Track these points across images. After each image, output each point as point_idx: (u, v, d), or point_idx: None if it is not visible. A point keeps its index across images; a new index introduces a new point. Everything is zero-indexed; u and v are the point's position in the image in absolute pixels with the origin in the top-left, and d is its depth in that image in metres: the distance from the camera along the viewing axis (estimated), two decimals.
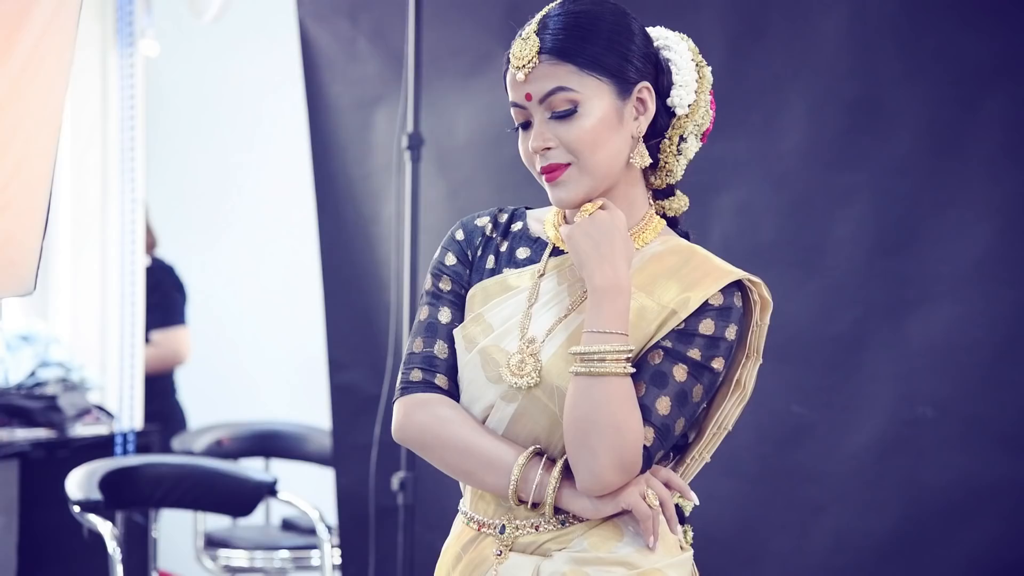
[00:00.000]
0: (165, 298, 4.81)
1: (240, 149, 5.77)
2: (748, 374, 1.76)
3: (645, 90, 1.75)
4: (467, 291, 1.81)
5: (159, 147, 5.41)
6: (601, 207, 1.72)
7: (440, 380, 1.77)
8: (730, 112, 3.17)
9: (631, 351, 1.67)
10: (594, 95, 1.71)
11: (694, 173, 3.22)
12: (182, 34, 5.32)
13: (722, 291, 1.71)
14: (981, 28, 3.00)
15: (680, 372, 1.69)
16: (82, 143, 4.66)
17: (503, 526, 1.74)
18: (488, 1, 3.45)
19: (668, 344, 1.70)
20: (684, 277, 1.73)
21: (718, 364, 1.71)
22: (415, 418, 1.76)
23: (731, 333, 1.72)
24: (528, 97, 1.73)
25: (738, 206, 3.15)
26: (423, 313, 1.81)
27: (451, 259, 1.83)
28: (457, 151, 3.52)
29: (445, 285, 1.82)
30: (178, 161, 5.72)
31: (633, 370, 1.67)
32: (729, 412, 1.77)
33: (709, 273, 1.73)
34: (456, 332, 1.79)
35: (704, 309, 1.71)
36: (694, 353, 1.70)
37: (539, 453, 1.71)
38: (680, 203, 1.83)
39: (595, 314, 1.67)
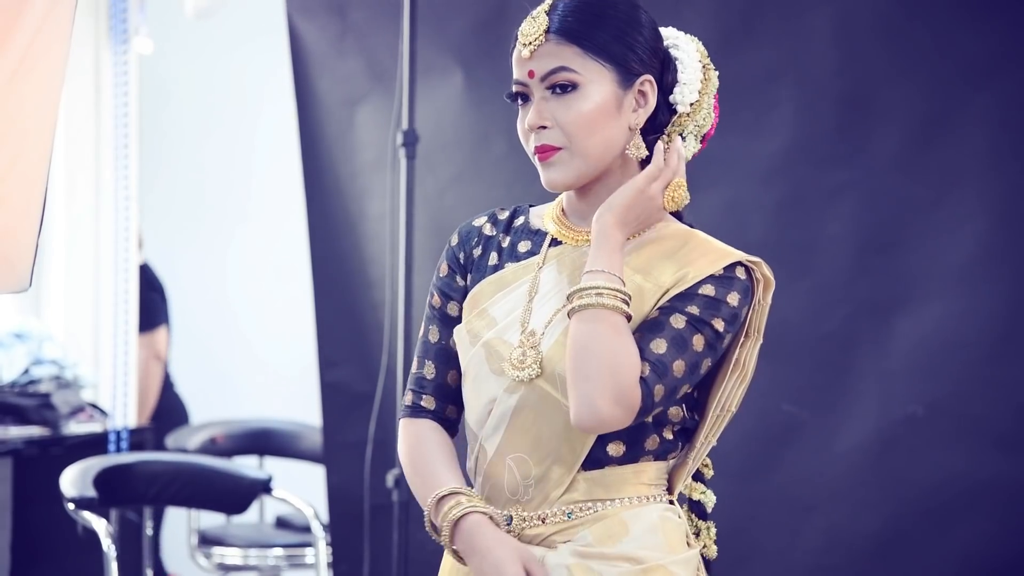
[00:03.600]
0: (140, 301, 4.80)
1: (234, 146, 5.77)
2: (748, 354, 1.76)
3: (647, 83, 1.76)
4: (455, 301, 1.83)
5: (153, 144, 5.41)
6: (672, 203, 1.75)
7: (426, 401, 1.83)
8: (720, 108, 3.18)
9: (628, 295, 1.68)
10: (595, 79, 1.73)
11: None
12: (176, 31, 5.32)
13: (723, 268, 1.73)
14: (971, 25, 3.01)
15: (677, 320, 1.70)
16: (76, 140, 4.67)
17: (510, 517, 1.75)
18: None
19: (665, 303, 1.72)
20: (681, 258, 1.74)
21: (719, 324, 1.71)
22: (401, 441, 1.83)
23: (733, 299, 1.72)
24: (531, 74, 1.74)
25: (727, 204, 3.15)
26: (422, 330, 1.87)
27: (444, 269, 1.86)
28: (445, 148, 3.52)
29: (436, 302, 1.86)
30: (172, 158, 5.73)
31: (630, 311, 1.68)
32: (731, 393, 1.77)
33: (707, 254, 1.74)
34: (459, 329, 1.80)
35: (704, 280, 1.72)
36: (692, 309, 1.70)
37: (454, 494, 1.73)
38: (683, 189, 1.84)
39: (598, 257, 1.70)
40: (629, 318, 1.67)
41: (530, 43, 1.74)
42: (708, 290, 1.71)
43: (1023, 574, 2.99)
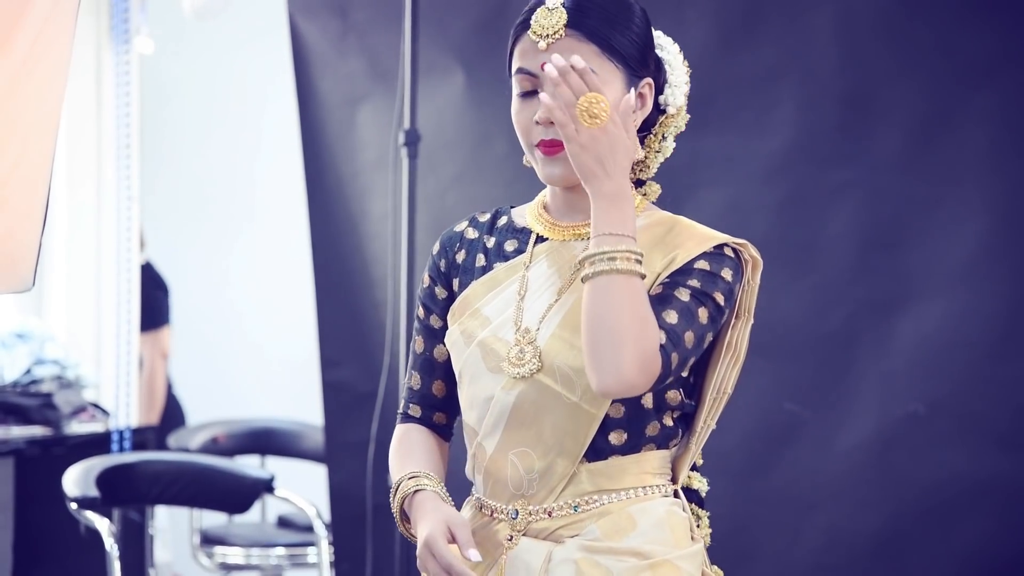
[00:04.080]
0: (146, 299, 4.81)
1: (235, 146, 5.78)
2: (740, 335, 1.78)
3: (647, 86, 1.77)
4: (435, 313, 1.86)
5: (154, 144, 5.42)
6: (599, 119, 1.66)
7: (413, 410, 1.89)
8: (721, 108, 3.18)
9: (640, 253, 1.66)
10: (608, 80, 1.72)
11: (684, 169, 3.24)
12: (177, 31, 5.33)
13: (712, 247, 1.74)
14: (973, 24, 3.01)
15: (682, 293, 1.71)
16: (77, 140, 4.67)
17: (516, 511, 1.77)
18: None
19: (666, 279, 1.73)
20: (669, 243, 1.75)
21: (719, 297, 1.72)
22: (391, 445, 1.90)
23: (727, 275, 1.73)
24: (544, 67, 1.73)
25: (728, 202, 3.16)
26: (412, 341, 1.92)
27: (426, 280, 1.89)
28: (446, 148, 3.53)
29: (420, 313, 1.89)
30: (173, 158, 5.73)
31: (644, 271, 1.67)
32: (725, 375, 1.79)
33: (693, 237, 1.76)
34: (451, 332, 1.82)
35: (697, 257, 1.73)
36: (693, 282, 1.72)
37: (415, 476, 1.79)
38: (654, 189, 1.84)
39: (601, 219, 1.67)
40: (643, 277, 1.67)
41: (547, 36, 1.72)
42: (703, 265, 1.73)
43: None
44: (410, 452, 1.85)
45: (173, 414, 5.00)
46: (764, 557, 3.15)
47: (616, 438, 1.74)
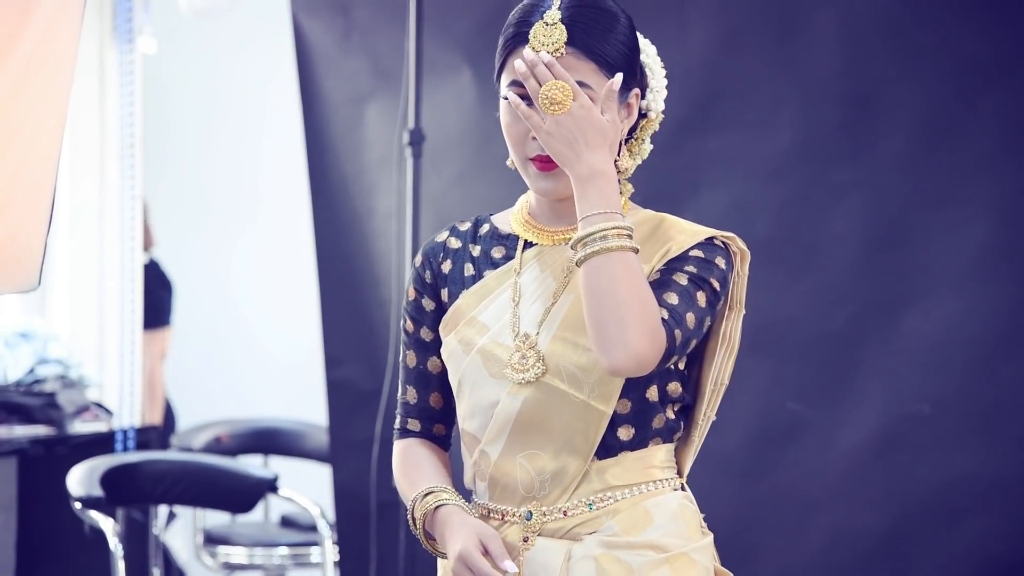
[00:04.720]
0: (150, 297, 4.81)
1: (238, 145, 5.78)
2: (733, 326, 1.80)
3: (634, 96, 1.78)
4: (425, 326, 1.85)
5: (157, 143, 5.42)
6: (562, 105, 1.67)
7: (412, 424, 1.88)
8: (724, 108, 3.19)
9: (630, 228, 1.67)
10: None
11: (687, 169, 3.24)
12: (180, 31, 5.32)
13: (703, 239, 1.76)
14: (977, 24, 3.01)
15: (680, 278, 1.73)
16: (81, 140, 4.68)
17: (530, 513, 1.77)
18: None
19: (663, 266, 1.74)
20: (660, 237, 1.77)
21: (715, 283, 1.74)
22: (393, 459, 1.89)
23: (721, 263, 1.75)
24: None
25: (732, 202, 3.16)
26: (401, 354, 1.90)
27: (411, 293, 1.88)
28: (450, 147, 3.53)
29: (409, 327, 1.88)
30: (176, 158, 5.73)
31: (637, 246, 1.67)
32: (721, 367, 1.81)
33: (683, 231, 1.78)
34: (448, 341, 1.82)
35: (689, 248, 1.75)
36: (690, 268, 1.74)
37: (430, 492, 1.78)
38: (628, 188, 1.85)
39: (583, 201, 1.68)
40: (636, 251, 1.68)
41: (548, 52, 1.70)
42: (697, 253, 1.75)
43: None
44: (418, 468, 1.84)
45: (165, 417, 5.00)
46: (767, 557, 3.15)
47: (625, 433, 1.76)
